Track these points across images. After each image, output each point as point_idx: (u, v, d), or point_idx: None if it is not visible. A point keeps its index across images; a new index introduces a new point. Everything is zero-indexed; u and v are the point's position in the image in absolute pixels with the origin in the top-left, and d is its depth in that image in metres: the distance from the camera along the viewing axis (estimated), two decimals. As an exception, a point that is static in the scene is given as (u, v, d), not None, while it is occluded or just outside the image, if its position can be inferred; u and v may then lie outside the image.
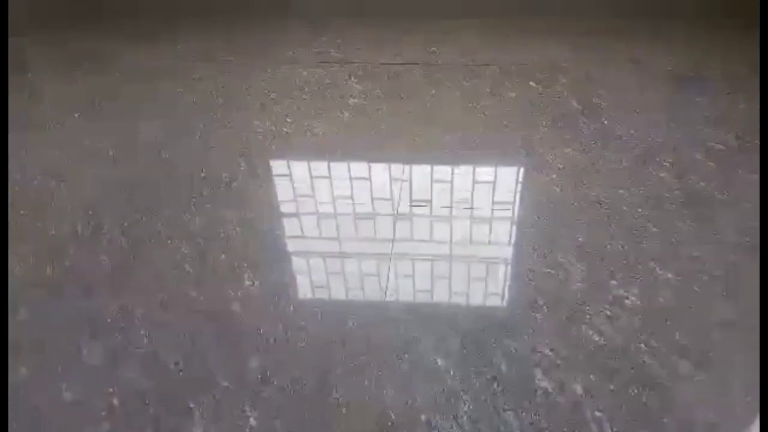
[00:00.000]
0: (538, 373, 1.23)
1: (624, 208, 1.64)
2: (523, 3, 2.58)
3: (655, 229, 1.57)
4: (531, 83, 2.18)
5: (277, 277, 1.48)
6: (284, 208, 1.71)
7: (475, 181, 1.76)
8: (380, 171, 1.81)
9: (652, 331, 1.31)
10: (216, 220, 1.65)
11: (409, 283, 1.45)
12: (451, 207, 1.68)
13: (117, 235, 1.62)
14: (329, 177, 1.81)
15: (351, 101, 2.13)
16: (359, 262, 1.52)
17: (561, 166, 1.80)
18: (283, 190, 1.77)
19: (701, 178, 1.71)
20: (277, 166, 1.86)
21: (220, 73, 2.34)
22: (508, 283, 1.44)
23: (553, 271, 1.46)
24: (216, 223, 1.64)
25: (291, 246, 1.58)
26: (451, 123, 2.00)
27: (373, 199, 1.71)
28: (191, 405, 1.20)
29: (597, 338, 1.31)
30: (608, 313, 1.36)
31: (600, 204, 1.65)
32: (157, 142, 1.97)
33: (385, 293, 1.42)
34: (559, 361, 1.25)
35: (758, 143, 1.81)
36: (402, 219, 1.64)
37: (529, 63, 2.28)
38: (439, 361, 1.26)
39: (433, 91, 2.17)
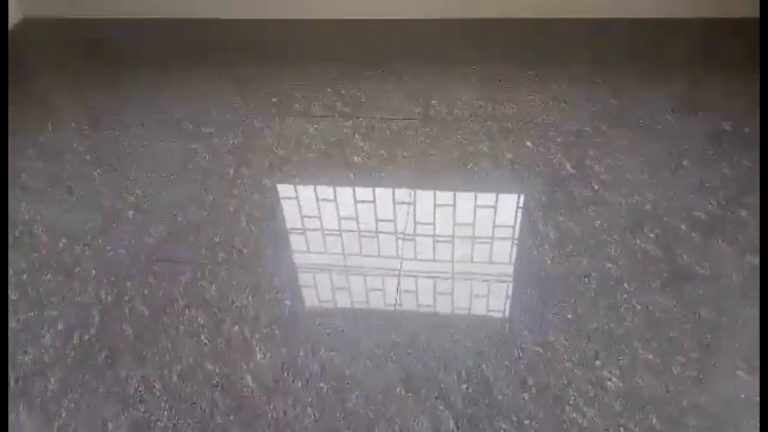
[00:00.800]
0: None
1: (611, 283, 1.75)
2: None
3: (638, 307, 1.68)
4: (527, 143, 2.28)
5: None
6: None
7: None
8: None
9: (630, 416, 1.42)
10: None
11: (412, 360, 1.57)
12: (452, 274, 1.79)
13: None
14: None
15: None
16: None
17: (553, 236, 1.90)
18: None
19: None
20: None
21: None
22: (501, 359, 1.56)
23: (542, 350, 1.58)
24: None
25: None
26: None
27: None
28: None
29: (581, 421, 1.43)
30: (591, 394, 1.48)
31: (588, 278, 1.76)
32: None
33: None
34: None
35: (736, 208, 1.92)
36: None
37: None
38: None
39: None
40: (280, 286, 1.79)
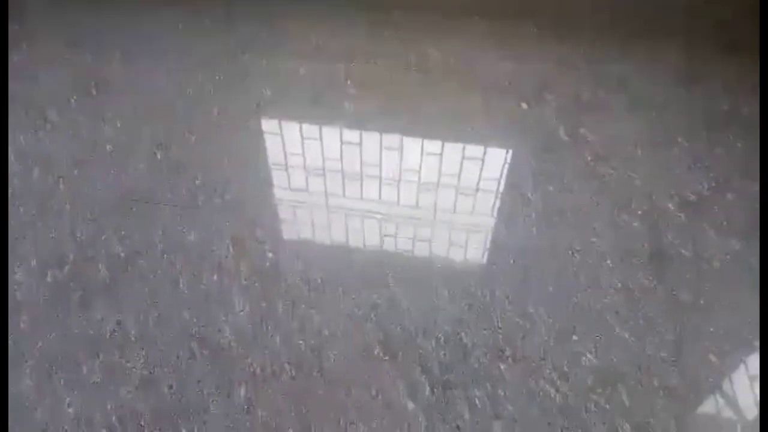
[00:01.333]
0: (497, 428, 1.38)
1: (594, 258, 1.75)
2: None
3: (619, 285, 1.69)
4: (523, 104, 2.22)
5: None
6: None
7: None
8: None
9: (602, 392, 1.46)
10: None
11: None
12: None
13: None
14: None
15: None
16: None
17: (541, 207, 1.89)
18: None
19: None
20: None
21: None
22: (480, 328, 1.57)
23: (521, 321, 1.59)
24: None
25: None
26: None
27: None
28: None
29: (553, 394, 1.45)
30: (565, 369, 1.50)
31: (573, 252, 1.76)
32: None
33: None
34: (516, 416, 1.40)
35: (730, 188, 1.92)
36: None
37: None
38: (409, 405, 1.40)
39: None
40: (262, 237, 1.75)
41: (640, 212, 1.87)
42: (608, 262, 1.75)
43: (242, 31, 2.46)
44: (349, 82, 2.27)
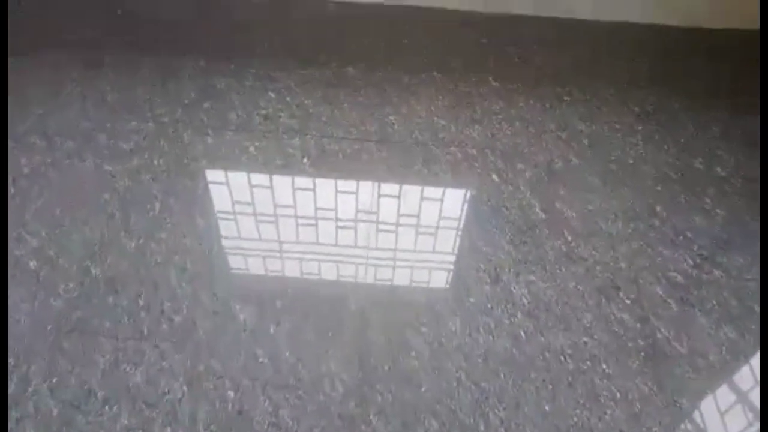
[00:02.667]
0: None
1: (588, 363, 1.61)
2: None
3: (618, 394, 1.56)
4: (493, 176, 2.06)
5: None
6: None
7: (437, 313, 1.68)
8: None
9: None
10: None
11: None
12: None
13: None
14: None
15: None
16: None
17: (527, 300, 1.74)
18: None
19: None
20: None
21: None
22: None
23: (520, 454, 1.43)
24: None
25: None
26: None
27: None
28: None
29: None
30: None
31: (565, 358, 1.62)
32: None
33: None
34: None
35: (716, 264, 1.83)
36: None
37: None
38: None
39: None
40: (221, 371, 1.52)
41: (628, 301, 1.75)
42: (603, 366, 1.61)
43: (182, 105, 2.20)
44: (305, 160, 2.06)
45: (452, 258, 1.82)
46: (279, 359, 1.57)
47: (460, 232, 1.89)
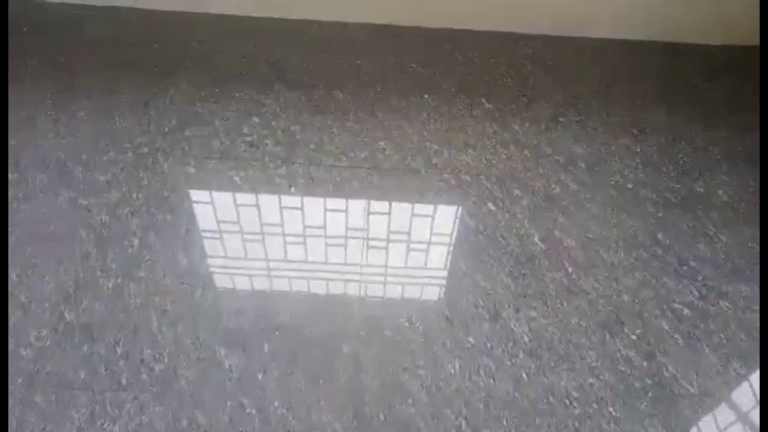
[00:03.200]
0: None
1: (594, 406, 1.53)
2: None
3: (627, 440, 1.47)
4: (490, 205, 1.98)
5: None
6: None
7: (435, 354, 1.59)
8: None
9: None
10: None
11: None
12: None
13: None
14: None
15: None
16: None
17: (528, 338, 1.65)
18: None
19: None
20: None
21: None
22: None
23: None
24: None
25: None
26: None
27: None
28: None
29: None
30: None
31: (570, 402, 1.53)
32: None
33: None
34: None
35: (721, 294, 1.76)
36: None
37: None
38: None
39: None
40: (206, 425, 1.42)
41: (634, 337, 1.67)
42: (610, 409, 1.53)
43: (163, 133, 2.10)
44: (293, 189, 1.96)
45: (449, 294, 1.73)
46: (267, 410, 1.47)
47: (456, 266, 1.80)
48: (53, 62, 2.32)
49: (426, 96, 2.35)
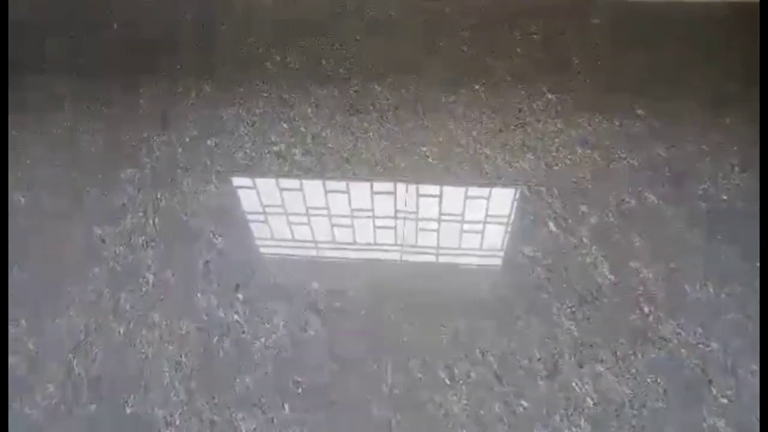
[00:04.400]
0: None
1: (674, 495, 1.27)
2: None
3: None
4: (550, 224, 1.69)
5: None
6: None
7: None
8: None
9: None
10: None
11: None
12: None
13: None
14: None
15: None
16: None
17: (594, 401, 1.39)
18: None
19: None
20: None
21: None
22: None
23: None
24: None
25: None
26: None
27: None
28: None
29: None
30: None
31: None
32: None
33: None
34: None
35: None
36: None
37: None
38: None
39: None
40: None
41: (724, 400, 1.39)
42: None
43: (183, 144, 1.91)
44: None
45: (498, 342, 1.48)
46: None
47: (507, 305, 1.54)
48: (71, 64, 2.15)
49: (477, 87, 2.02)
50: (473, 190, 1.77)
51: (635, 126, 1.89)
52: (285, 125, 1.94)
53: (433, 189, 1.77)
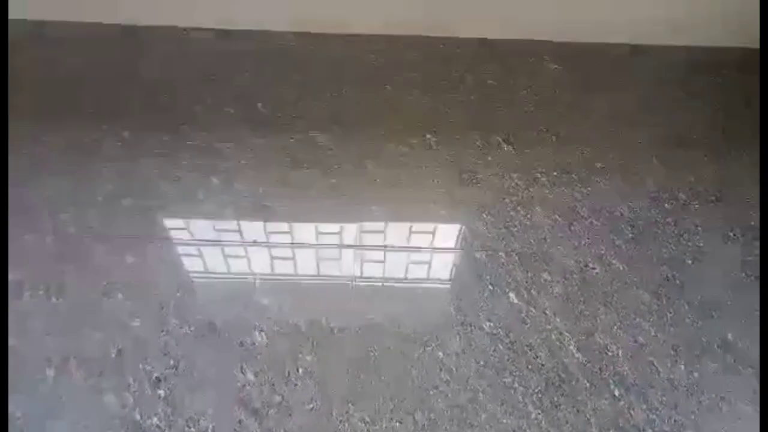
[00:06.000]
0: None
1: None
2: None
3: None
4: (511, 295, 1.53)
5: None
6: None
7: None
8: None
9: None
10: None
11: None
12: None
13: None
14: None
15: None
16: None
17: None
18: None
19: None
20: None
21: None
22: None
23: None
24: None
25: None
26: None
27: None
28: None
29: None
30: None
31: None
32: None
33: None
34: None
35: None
36: None
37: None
38: None
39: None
40: None
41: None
42: None
43: (96, 204, 1.65)
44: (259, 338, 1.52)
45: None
46: None
47: (468, 391, 1.37)
48: None
49: (428, 135, 1.87)
50: (424, 253, 1.60)
51: (596, 181, 1.77)
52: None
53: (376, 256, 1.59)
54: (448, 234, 1.64)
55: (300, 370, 1.38)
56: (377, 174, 1.76)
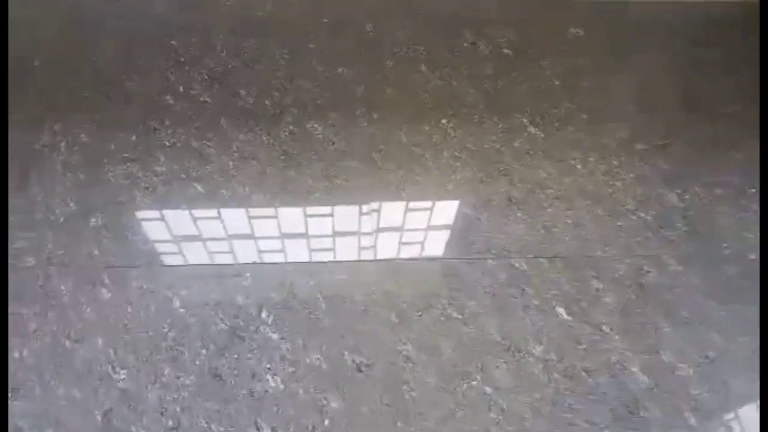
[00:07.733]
0: None
1: None
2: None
3: None
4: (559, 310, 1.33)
5: None
6: None
7: None
8: None
9: None
10: None
11: None
12: None
13: None
14: None
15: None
16: None
17: None
18: None
19: None
20: None
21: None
22: None
23: None
24: None
25: None
26: None
27: None
28: None
29: None
30: None
31: None
32: None
33: None
34: None
35: None
36: None
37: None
38: None
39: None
40: None
41: None
42: None
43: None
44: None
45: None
46: None
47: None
48: None
49: (443, 121, 1.61)
50: (445, 263, 1.37)
51: (641, 165, 1.55)
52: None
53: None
54: (481, 241, 1.40)
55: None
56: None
